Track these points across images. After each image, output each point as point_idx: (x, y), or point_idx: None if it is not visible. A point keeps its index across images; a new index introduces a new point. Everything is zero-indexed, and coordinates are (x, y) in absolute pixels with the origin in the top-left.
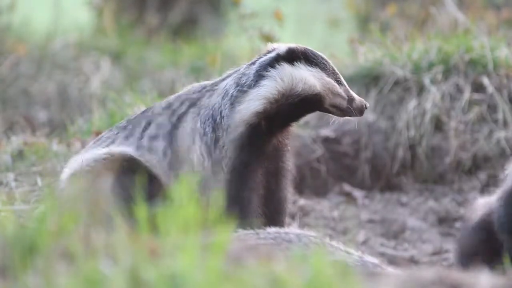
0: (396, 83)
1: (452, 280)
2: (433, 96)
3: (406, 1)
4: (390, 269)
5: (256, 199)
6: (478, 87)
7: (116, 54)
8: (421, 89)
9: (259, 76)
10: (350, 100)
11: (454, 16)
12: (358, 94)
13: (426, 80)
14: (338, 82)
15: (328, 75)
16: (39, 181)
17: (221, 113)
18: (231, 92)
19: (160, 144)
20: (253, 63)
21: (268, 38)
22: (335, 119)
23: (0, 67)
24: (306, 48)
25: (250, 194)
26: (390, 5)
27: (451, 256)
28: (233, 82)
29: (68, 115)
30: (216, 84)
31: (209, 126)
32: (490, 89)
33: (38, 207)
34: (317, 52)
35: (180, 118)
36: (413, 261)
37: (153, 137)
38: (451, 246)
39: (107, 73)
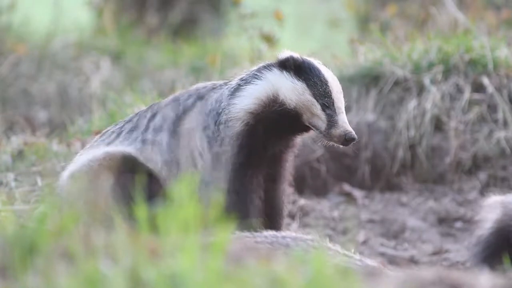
0: (396, 83)
1: (452, 280)
2: (433, 96)
3: (406, 1)
4: (390, 271)
5: (256, 201)
6: (478, 87)
7: (116, 54)
8: (421, 89)
9: (255, 76)
10: (330, 125)
11: (454, 16)
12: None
13: (426, 80)
14: (325, 105)
15: (314, 94)
16: (39, 181)
17: (221, 104)
18: (233, 85)
19: (164, 137)
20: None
21: (268, 38)
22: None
23: (0, 67)
24: (306, 62)
25: (249, 194)
26: (390, 5)
27: (452, 256)
28: (239, 77)
29: (68, 115)
30: (229, 81)
31: (212, 118)
32: (490, 89)
33: (38, 207)
34: (321, 70)
35: (185, 111)
36: (413, 261)
37: (158, 129)
38: (451, 246)
39: (107, 73)
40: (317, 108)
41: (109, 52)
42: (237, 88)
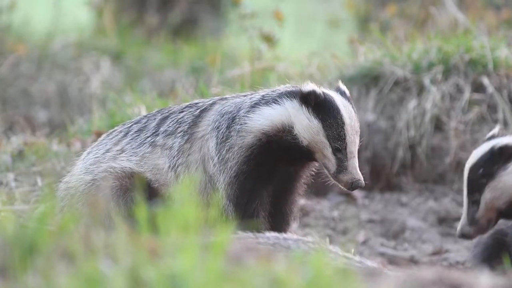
0: (396, 83)
1: (452, 280)
2: (433, 96)
3: (406, 1)
4: (390, 271)
5: (258, 211)
6: (478, 87)
7: (116, 54)
8: (421, 89)
9: (275, 100)
10: (339, 170)
11: (454, 16)
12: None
13: (426, 80)
14: (337, 148)
15: (327, 136)
16: (39, 181)
17: (239, 111)
18: (254, 99)
19: (176, 141)
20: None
21: (268, 38)
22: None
23: (0, 67)
24: (327, 99)
25: (248, 204)
26: (390, 5)
27: (452, 256)
28: (262, 94)
29: (68, 115)
30: (255, 92)
31: (225, 121)
32: (490, 89)
33: (38, 207)
34: (341, 110)
35: (203, 110)
36: (413, 261)
37: (171, 133)
38: (451, 246)
39: (107, 73)
40: (328, 151)
41: (109, 52)
42: (257, 103)
